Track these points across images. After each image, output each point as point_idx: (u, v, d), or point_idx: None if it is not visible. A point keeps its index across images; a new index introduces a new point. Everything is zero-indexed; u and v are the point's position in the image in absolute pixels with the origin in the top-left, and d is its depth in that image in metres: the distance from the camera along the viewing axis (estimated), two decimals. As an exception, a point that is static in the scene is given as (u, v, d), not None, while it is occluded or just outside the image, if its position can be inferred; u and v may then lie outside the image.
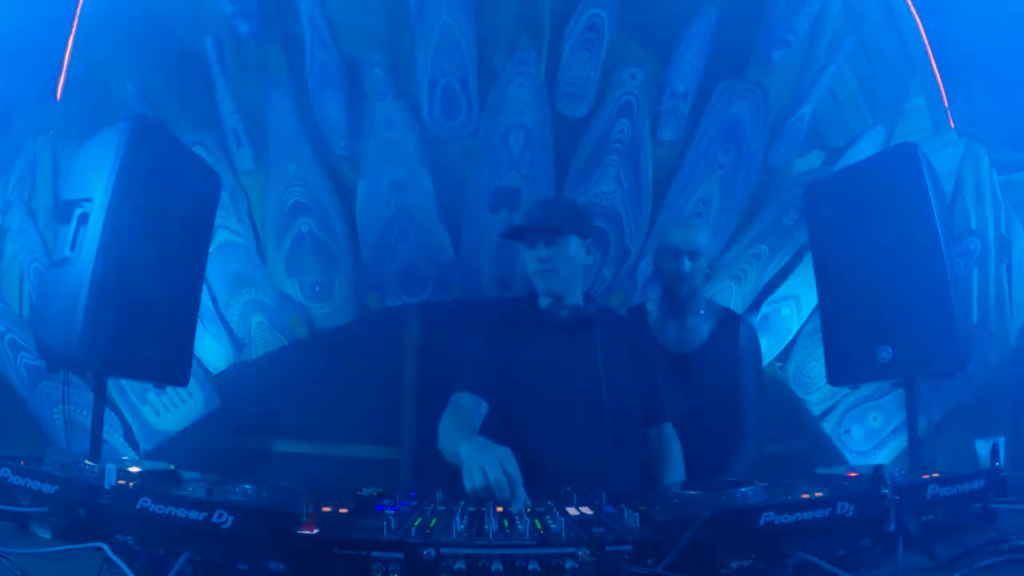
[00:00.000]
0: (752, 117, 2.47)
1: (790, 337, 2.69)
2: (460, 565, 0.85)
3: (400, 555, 0.86)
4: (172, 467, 1.40)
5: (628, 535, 0.93)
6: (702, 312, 2.02)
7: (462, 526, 0.96)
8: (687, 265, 1.92)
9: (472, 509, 1.12)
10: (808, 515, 0.95)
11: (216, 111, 2.56)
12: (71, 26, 2.68)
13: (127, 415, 2.57)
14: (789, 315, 2.68)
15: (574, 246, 1.69)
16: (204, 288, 2.29)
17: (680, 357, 1.96)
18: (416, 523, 0.97)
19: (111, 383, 2.02)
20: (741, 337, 2.01)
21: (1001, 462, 1.32)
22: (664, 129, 2.47)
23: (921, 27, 2.68)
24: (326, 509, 1.10)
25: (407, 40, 2.37)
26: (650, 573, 0.86)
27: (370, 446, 2.48)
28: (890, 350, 1.69)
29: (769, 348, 2.67)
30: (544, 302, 1.74)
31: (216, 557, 0.91)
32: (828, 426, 2.70)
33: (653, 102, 2.44)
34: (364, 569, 0.86)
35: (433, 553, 0.85)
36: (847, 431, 2.68)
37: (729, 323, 2.02)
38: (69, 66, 2.70)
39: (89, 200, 1.55)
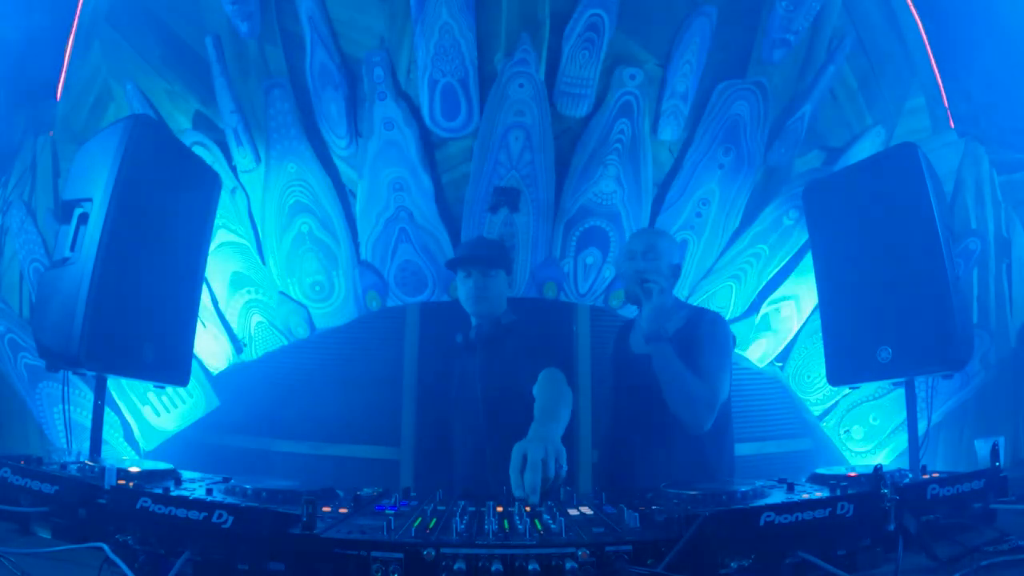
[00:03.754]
0: (752, 117, 2.46)
1: (790, 337, 2.68)
2: (460, 565, 0.84)
3: (400, 555, 0.86)
4: (172, 467, 1.40)
5: (628, 535, 0.93)
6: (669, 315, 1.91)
7: (462, 526, 0.96)
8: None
9: (472, 509, 1.12)
10: (808, 515, 0.95)
11: (216, 111, 2.56)
12: (71, 26, 2.69)
13: (127, 415, 2.57)
14: (789, 315, 2.67)
15: (501, 278, 2.07)
16: (204, 288, 2.30)
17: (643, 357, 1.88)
18: (416, 523, 0.97)
19: (111, 383, 2.02)
20: (702, 328, 1.86)
21: (1001, 462, 1.32)
22: (664, 129, 2.47)
23: (921, 27, 2.67)
24: (326, 509, 1.10)
25: (407, 40, 2.37)
26: (650, 573, 0.86)
27: (370, 446, 2.48)
28: (890, 350, 1.69)
29: (769, 348, 2.67)
30: (474, 321, 2.08)
31: (216, 557, 0.91)
32: (828, 426, 2.69)
33: (653, 102, 2.44)
34: (364, 569, 0.86)
35: (433, 553, 0.85)
36: (847, 431, 2.68)
37: (693, 319, 1.90)
38: (69, 66, 2.70)
39: (89, 200, 1.55)
